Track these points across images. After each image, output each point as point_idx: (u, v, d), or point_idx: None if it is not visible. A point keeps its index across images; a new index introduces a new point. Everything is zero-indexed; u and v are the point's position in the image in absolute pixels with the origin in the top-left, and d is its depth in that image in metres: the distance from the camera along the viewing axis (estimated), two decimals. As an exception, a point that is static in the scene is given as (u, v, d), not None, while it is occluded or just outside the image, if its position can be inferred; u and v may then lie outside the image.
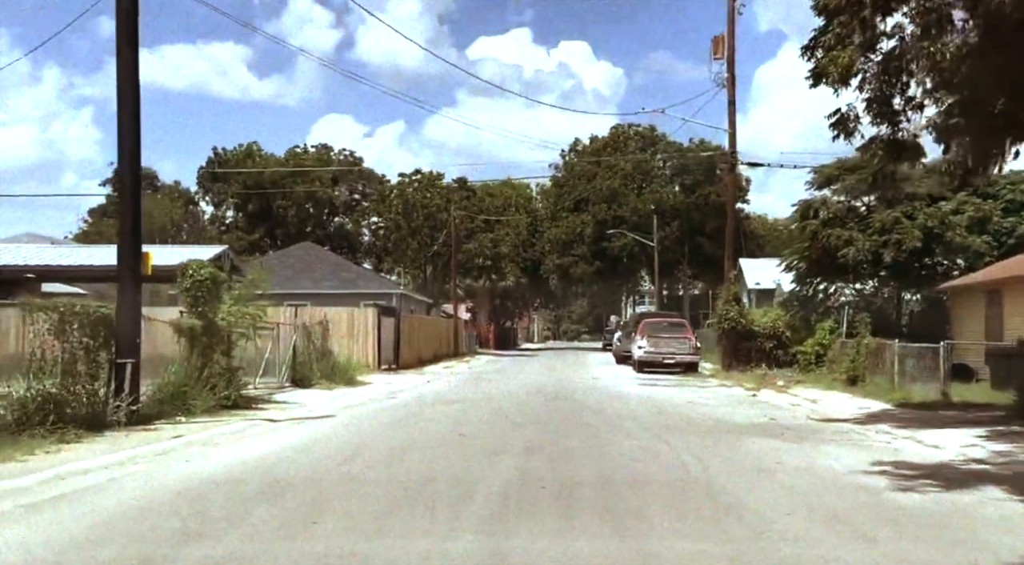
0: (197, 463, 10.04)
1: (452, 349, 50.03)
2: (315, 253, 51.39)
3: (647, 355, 32.52)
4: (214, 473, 9.37)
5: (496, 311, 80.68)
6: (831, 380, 23.55)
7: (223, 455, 10.72)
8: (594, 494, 8.14)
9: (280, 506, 7.75)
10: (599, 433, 13.14)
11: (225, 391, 16.36)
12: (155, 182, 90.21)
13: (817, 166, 27.16)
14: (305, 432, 13.40)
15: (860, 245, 24.43)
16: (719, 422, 14.96)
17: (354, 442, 12.05)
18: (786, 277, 43.90)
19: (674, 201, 71.19)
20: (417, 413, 16.55)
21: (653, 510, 7.43)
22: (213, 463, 10.08)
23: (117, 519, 7.18)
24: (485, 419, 15.28)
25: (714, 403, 19.29)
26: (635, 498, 8.00)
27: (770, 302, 41.95)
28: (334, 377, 24.39)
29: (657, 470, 9.56)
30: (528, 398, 20.37)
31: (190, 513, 7.35)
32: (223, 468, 9.72)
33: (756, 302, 45.33)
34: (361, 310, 32.49)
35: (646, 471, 9.48)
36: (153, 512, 7.45)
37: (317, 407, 17.71)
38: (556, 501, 7.80)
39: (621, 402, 19.38)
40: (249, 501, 7.90)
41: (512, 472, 9.28)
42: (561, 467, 9.73)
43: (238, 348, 18.52)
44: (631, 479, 8.98)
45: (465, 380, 28.82)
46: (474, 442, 11.94)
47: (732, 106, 30.80)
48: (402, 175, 59.64)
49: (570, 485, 8.52)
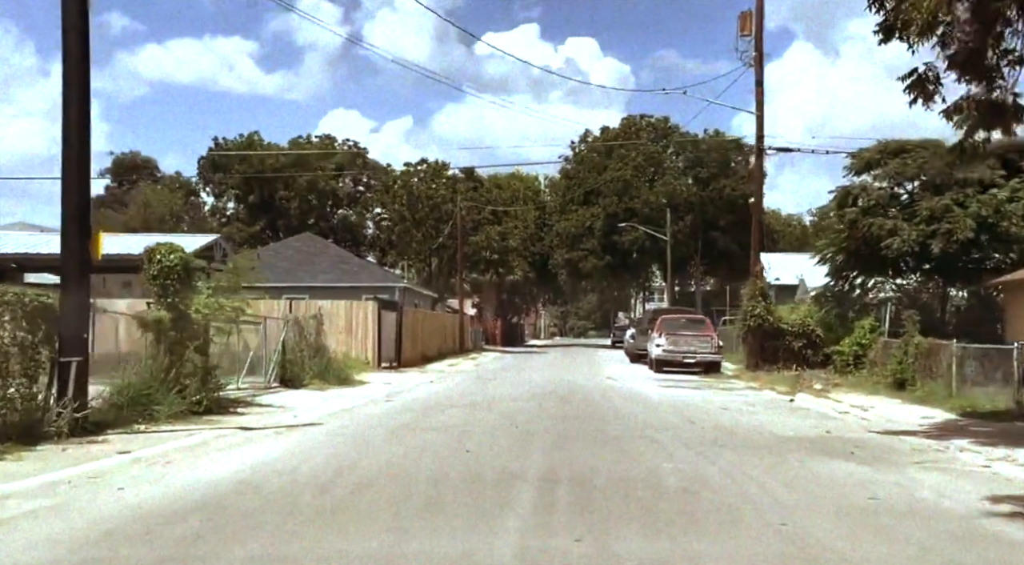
0: (134, 491, 7.96)
1: (457, 345, 47.98)
2: (316, 245, 49.36)
3: (666, 354, 30.39)
4: (151, 507, 7.30)
5: (503, 306, 78.57)
6: (873, 383, 21.41)
7: (172, 479, 8.64)
8: (641, 549, 6.05)
9: (224, 560, 5.69)
10: (628, 449, 11.04)
11: (197, 394, 14.29)
12: (155, 172, 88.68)
13: (856, 150, 24.96)
14: (281, 446, 11.31)
15: (905, 235, 22.18)
16: (766, 434, 12.84)
17: (337, 461, 9.96)
18: (810, 272, 41.75)
19: (687, 194, 68.93)
20: (416, 420, 14.46)
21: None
22: (154, 491, 8.01)
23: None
24: (493, 428, 13.18)
25: (749, 409, 17.17)
26: (695, 552, 5.91)
27: (791, 298, 39.76)
28: (328, 376, 22.32)
29: (717, 508, 7.44)
30: (541, 401, 18.28)
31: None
32: (164, 499, 7.65)
33: (776, 298, 43.07)
34: (360, 304, 30.42)
35: (703, 510, 7.36)
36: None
37: (304, 412, 15.63)
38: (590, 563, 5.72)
39: (645, 407, 17.28)
40: (183, 548, 5.83)
41: (529, 513, 7.18)
42: (591, 502, 7.63)
43: (217, 344, 16.49)
44: (685, 523, 6.86)
45: (471, 380, 26.73)
46: (481, 462, 9.85)
47: (760, 87, 28.63)
48: (407, 165, 57.57)
49: (604, 533, 6.43)
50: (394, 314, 32.94)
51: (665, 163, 71.49)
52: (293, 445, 11.31)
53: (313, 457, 10.26)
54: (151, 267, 14.50)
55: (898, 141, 24.37)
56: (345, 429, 13.16)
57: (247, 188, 78.43)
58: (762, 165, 28.29)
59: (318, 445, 11.35)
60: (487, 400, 18.54)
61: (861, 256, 24.22)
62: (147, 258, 14.64)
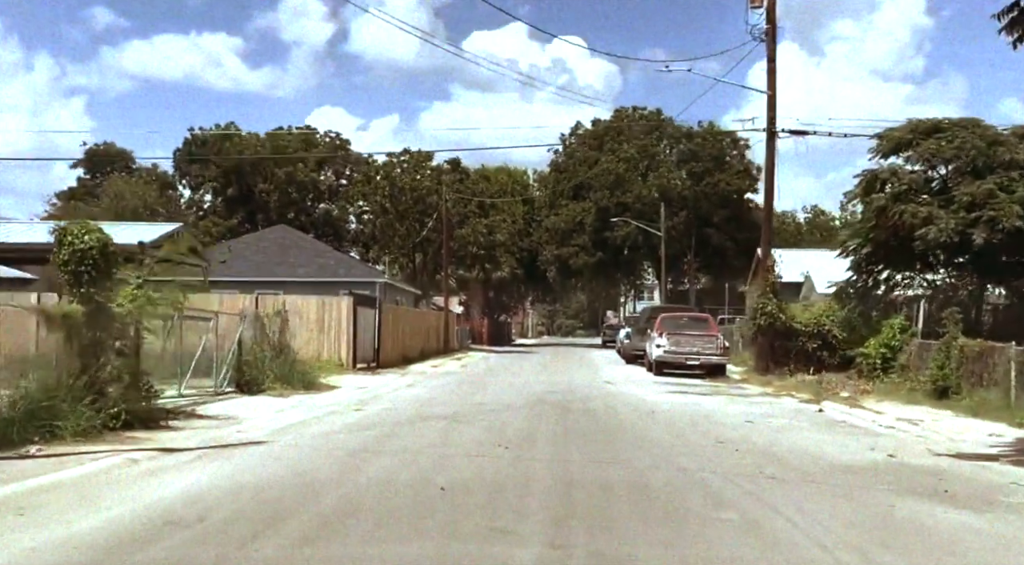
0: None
1: (442, 345, 45.33)
2: (291, 237, 46.66)
3: (667, 355, 27.90)
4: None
5: (490, 305, 75.99)
6: (907, 391, 18.96)
7: (16, 542, 6.05)
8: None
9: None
10: (652, 484, 8.55)
11: (116, 406, 11.67)
12: (131, 164, 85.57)
13: (884, 130, 22.43)
14: (206, 476, 8.74)
15: (943, 224, 19.67)
16: (819, 461, 10.33)
17: (260, 509, 7.38)
18: (817, 269, 39.43)
19: (681, 188, 66.50)
20: (383, 439, 11.90)
21: None
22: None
23: None
24: (478, 452, 10.64)
25: (779, 423, 14.69)
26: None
27: (795, 297, 37.38)
28: (292, 380, 19.62)
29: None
30: (534, 411, 15.76)
31: None
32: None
33: (780, 297, 40.75)
34: (334, 299, 27.78)
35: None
36: None
37: (251, 425, 13.06)
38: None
39: (658, 421, 14.76)
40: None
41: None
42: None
43: (150, 344, 13.90)
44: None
45: (455, 383, 24.15)
46: (458, 510, 7.30)
47: (772, 63, 26.19)
48: (390, 155, 54.77)
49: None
50: (372, 311, 30.30)
51: (658, 156, 69.10)
52: (220, 476, 8.72)
53: (240, 496, 7.71)
54: (61, 251, 11.87)
55: (931, 120, 21.87)
56: (292, 451, 10.57)
57: (225, 180, 75.57)
58: (774, 149, 25.80)
59: (254, 475, 8.78)
60: (471, 410, 15.99)
61: (889, 248, 21.73)
62: (57, 240, 12.01)
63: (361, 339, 28.24)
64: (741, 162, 72.04)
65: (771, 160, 25.92)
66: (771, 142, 25.91)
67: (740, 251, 68.43)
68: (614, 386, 23.32)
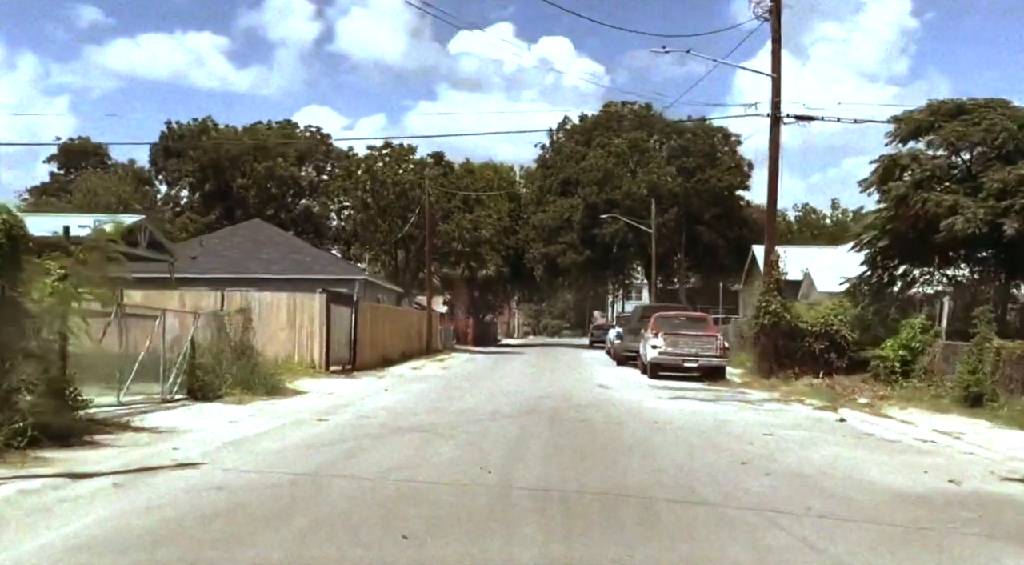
0: None
1: (424, 345, 43.41)
2: (266, 232, 44.60)
3: (663, 357, 26.08)
4: None
5: (475, 304, 74.07)
6: (932, 397, 17.24)
7: None
8: None
9: None
10: (673, 527, 6.72)
11: (25, 419, 9.76)
12: (106, 159, 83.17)
13: (902, 113, 20.68)
14: (110, 513, 6.88)
15: (970, 213, 17.94)
16: (866, 487, 8.53)
17: (186, 552, 5.50)
18: (817, 267, 37.77)
19: (672, 185, 64.74)
20: (344, 458, 10.02)
21: None
22: None
23: None
24: (455, 475, 8.80)
25: (800, 436, 12.87)
26: None
27: (794, 296, 35.67)
28: (253, 384, 17.67)
29: None
30: (522, 422, 13.93)
31: None
32: None
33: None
34: (306, 296, 25.81)
35: None
36: None
37: (194, 440, 11.16)
38: None
39: (663, 433, 12.92)
40: None
41: None
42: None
43: (76, 346, 11.96)
44: None
45: (435, 387, 22.25)
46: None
47: (777, 44, 24.43)
48: (370, 148, 52.67)
49: None
50: (348, 310, 28.36)
51: (648, 152, 67.39)
52: (116, 518, 6.82)
53: (129, 550, 5.82)
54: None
55: (953, 101, 20.10)
56: (230, 477, 8.67)
57: (202, 176, 73.32)
58: (779, 136, 24.02)
59: (154, 523, 6.85)
60: (451, 419, 14.12)
61: (907, 241, 19.98)
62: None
63: (336, 339, 26.31)
64: (733, 158, 70.45)
65: (776, 147, 24.17)
66: (776, 128, 24.15)
67: (731, 249, 66.80)
68: (608, 391, 21.51)
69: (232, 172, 72.88)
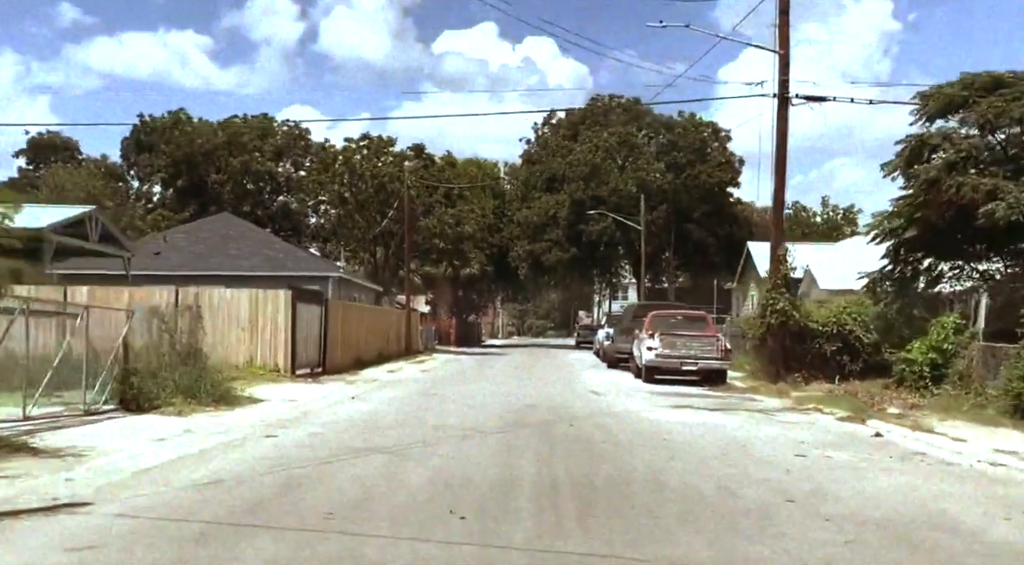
0: None
1: (404, 347, 41.14)
2: (235, 226, 42.22)
3: (660, 359, 24.01)
4: None
5: (458, 303, 71.86)
6: (971, 406, 15.24)
7: None
8: None
9: None
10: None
11: None
12: (76, 154, 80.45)
13: (930, 88, 18.63)
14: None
15: (1012, 198, 15.87)
16: (972, 542, 6.42)
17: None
18: (820, 264, 35.79)
19: (661, 181, 62.76)
20: (281, 494, 7.82)
21: None
22: None
23: None
24: (420, 525, 6.64)
25: (842, 459, 10.74)
26: None
27: (793, 294, 33.67)
28: (200, 392, 15.34)
29: None
30: (508, 440, 11.77)
31: None
32: None
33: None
34: (269, 294, 23.51)
35: None
36: None
37: (100, 467, 8.96)
38: None
39: (677, 456, 10.78)
40: None
41: None
42: None
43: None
44: None
45: (411, 394, 20.02)
46: None
47: (785, 16, 22.42)
48: (348, 140, 50.31)
49: None
50: (318, 308, 26.10)
51: (637, 147, 65.39)
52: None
53: None
54: None
55: (989, 73, 18.07)
56: (113, 528, 6.46)
57: (175, 170, 70.72)
58: (787, 117, 21.97)
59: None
60: (424, 436, 11.94)
61: (935, 231, 17.95)
62: None
63: (303, 340, 24.05)
64: (723, 153, 68.68)
65: (783, 129, 22.12)
66: (783, 109, 22.12)
67: (722, 247, 64.89)
68: (603, 398, 19.38)
69: (206, 167, 70.39)
